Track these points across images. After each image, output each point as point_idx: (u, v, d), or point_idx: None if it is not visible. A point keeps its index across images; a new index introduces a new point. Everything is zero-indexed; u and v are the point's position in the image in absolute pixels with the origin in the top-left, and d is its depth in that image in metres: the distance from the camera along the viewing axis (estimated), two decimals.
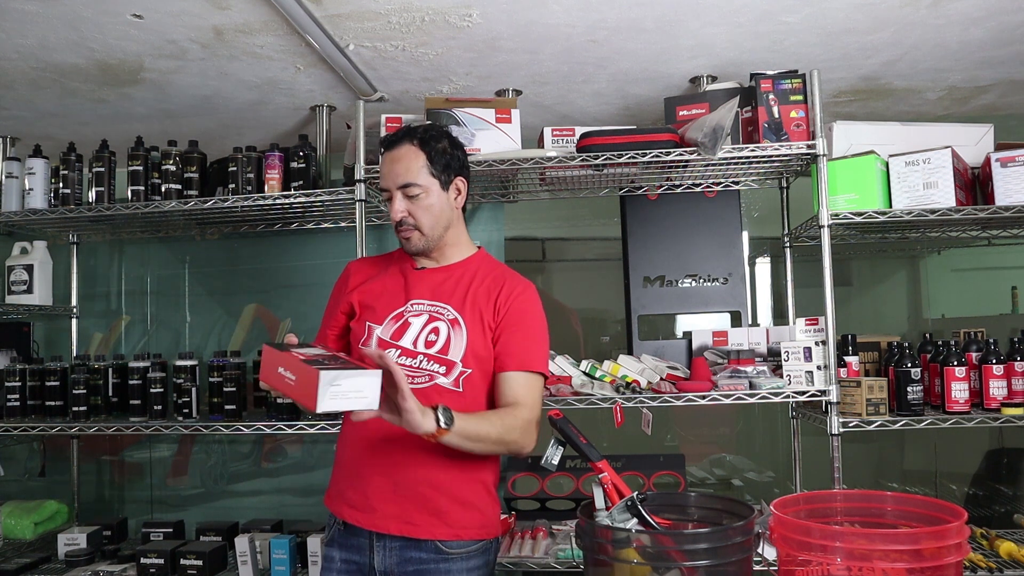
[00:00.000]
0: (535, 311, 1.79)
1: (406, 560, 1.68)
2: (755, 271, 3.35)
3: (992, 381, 2.21)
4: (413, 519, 1.67)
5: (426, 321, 1.74)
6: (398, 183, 1.74)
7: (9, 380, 2.63)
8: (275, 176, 2.51)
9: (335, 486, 1.78)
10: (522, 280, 1.82)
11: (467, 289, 1.78)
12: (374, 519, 1.68)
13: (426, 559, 1.68)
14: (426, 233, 1.77)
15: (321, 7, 1.97)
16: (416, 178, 1.74)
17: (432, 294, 1.78)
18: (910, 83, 2.64)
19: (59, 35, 2.09)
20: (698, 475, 3.32)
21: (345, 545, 1.74)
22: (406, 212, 1.75)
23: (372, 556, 1.70)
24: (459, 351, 1.71)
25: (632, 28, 2.15)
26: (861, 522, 1.56)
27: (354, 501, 1.71)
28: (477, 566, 1.72)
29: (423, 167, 1.75)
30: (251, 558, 2.41)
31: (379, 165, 1.81)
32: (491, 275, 1.81)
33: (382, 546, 1.69)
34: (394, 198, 1.75)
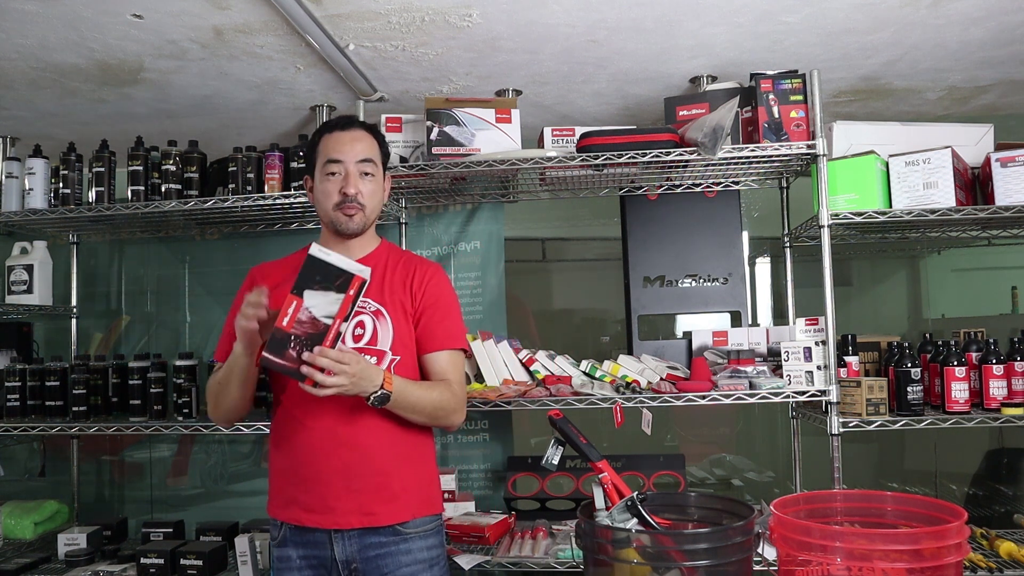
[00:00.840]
0: (447, 291, 1.87)
1: (366, 546, 1.73)
2: (755, 271, 3.35)
3: (992, 381, 2.21)
4: (372, 510, 1.72)
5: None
6: (359, 157, 1.79)
7: (9, 380, 2.63)
8: (275, 176, 2.51)
9: (280, 495, 1.78)
10: (430, 263, 1.90)
11: (382, 280, 1.81)
12: (335, 518, 1.71)
13: (386, 542, 1.73)
14: (367, 215, 1.81)
15: (321, 7, 1.97)
16: (374, 158, 1.82)
17: None
18: (910, 83, 2.64)
19: (59, 35, 2.09)
20: (698, 475, 3.32)
21: (301, 543, 1.76)
22: (359, 190, 1.78)
23: (332, 549, 1.73)
24: (387, 340, 1.76)
25: (632, 28, 2.15)
26: (861, 522, 1.56)
27: (309, 504, 1.73)
28: (435, 544, 1.80)
29: (377, 152, 1.84)
30: (251, 558, 2.41)
31: (323, 143, 1.81)
32: (400, 262, 1.87)
33: (341, 538, 1.73)
34: (350, 173, 1.77)
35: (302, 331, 1.53)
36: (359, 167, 1.79)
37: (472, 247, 2.95)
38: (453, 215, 2.98)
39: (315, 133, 1.87)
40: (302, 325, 1.53)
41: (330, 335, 1.53)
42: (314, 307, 1.52)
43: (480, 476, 2.89)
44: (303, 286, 1.53)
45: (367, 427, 1.73)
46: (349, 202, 1.77)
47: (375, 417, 1.73)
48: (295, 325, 1.53)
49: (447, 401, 1.77)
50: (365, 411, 1.72)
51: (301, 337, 1.53)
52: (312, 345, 1.53)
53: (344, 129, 1.82)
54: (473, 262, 2.94)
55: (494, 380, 2.43)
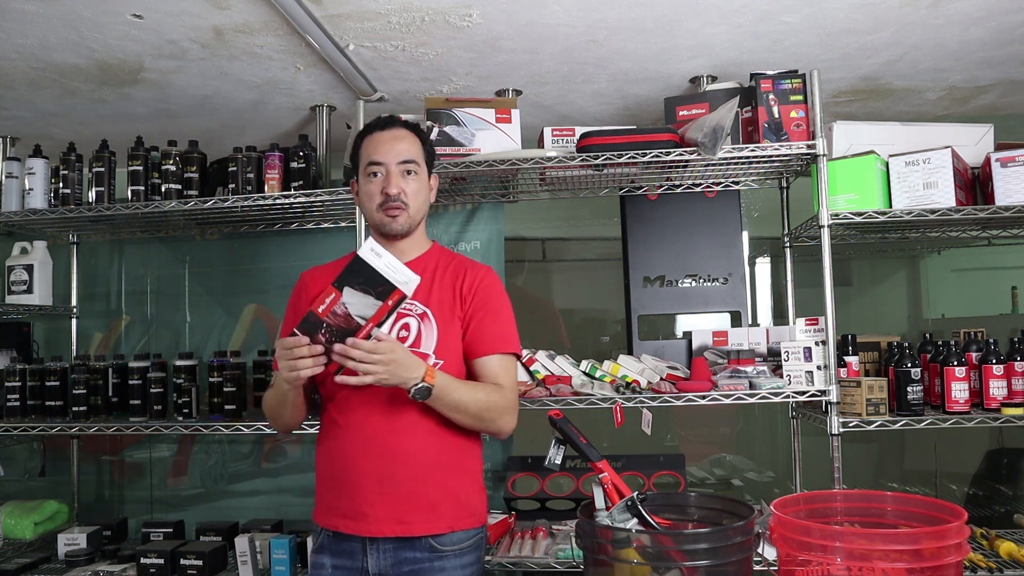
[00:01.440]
0: (500, 293, 1.83)
1: (401, 561, 1.69)
2: (755, 271, 3.35)
3: (992, 381, 2.21)
4: (406, 518, 1.68)
5: (395, 319, 1.74)
6: (400, 158, 1.76)
7: (9, 380, 2.64)
8: (275, 176, 2.51)
9: (322, 500, 1.77)
10: (481, 266, 1.86)
11: (431, 283, 1.79)
12: (367, 525, 1.68)
13: (420, 558, 1.69)
14: (412, 215, 1.78)
15: (321, 7, 1.97)
16: (416, 157, 1.79)
17: None
18: (910, 83, 2.64)
19: (59, 35, 2.09)
20: (698, 475, 3.32)
21: (336, 551, 1.73)
22: (402, 189, 1.76)
23: (366, 560, 1.70)
24: (431, 343, 1.73)
25: (632, 28, 2.15)
26: (861, 522, 1.56)
27: (345, 511, 1.71)
28: (470, 562, 1.74)
29: (420, 151, 1.81)
30: (251, 558, 2.41)
31: (365, 144, 1.80)
32: (451, 265, 1.84)
33: (375, 549, 1.69)
34: (392, 173, 1.75)
35: (335, 322, 1.53)
36: (401, 167, 1.76)
37: (472, 247, 2.95)
38: (453, 215, 2.98)
39: (357, 136, 1.86)
40: (336, 317, 1.53)
41: (360, 334, 1.54)
42: (351, 304, 1.52)
43: None
44: (344, 282, 1.53)
45: (405, 433, 1.69)
46: (392, 202, 1.75)
47: (414, 423, 1.69)
48: (329, 315, 1.53)
49: (495, 403, 1.71)
50: (404, 416, 1.69)
51: (333, 328, 1.53)
52: (342, 337, 1.53)
53: (384, 129, 1.80)
54: None
55: None
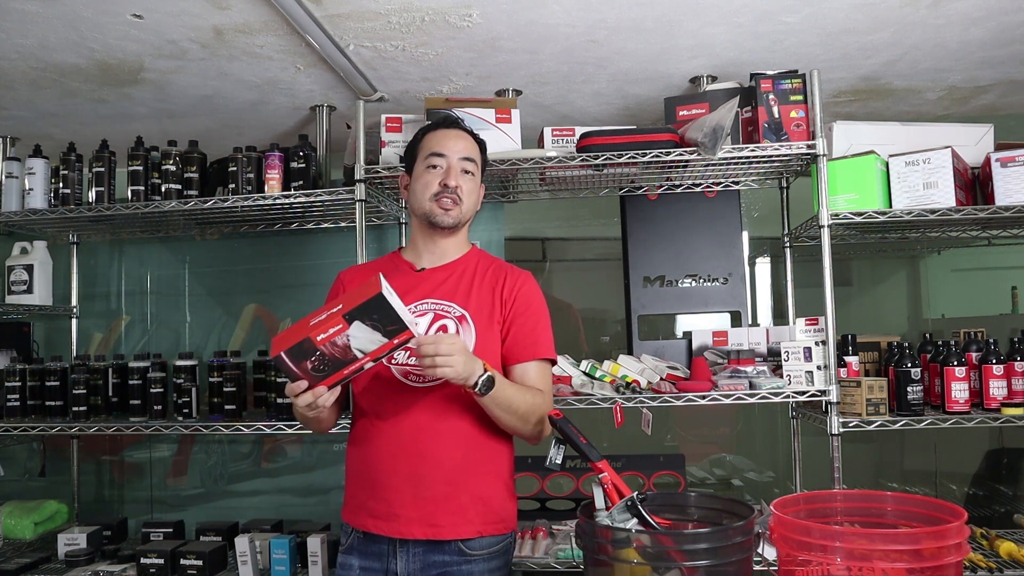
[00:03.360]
0: (538, 299, 1.82)
1: (429, 564, 1.69)
2: (755, 271, 3.35)
3: (992, 381, 2.21)
4: (436, 520, 1.68)
5: (432, 320, 1.74)
6: (463, 155, 1.79)
7: (9, 380, 2.63)
8: (275, 176, 2.51)
9: (353, 499, 1.77)
10: (520, 271, 1.85)
11: (470, 285, 1.79)
12: (398, 526, 1.68)
13: (449, 562, 1.69)
14: (464, 211, 1.80)
15: (321, 7, 1.97)
16: (476, 158, 1.83)
17: (435, 293, 1.78)
18: (910, 83, 2.64)
19: (59, 35, 2.09)
20: (698, 475, 3.32)
21: (365, 552, 1.73)
22: (460, 184, 1.77)
23: (395, 562, 1.70)
24: (469, 346, 1.71)
25: (632, 28, 2.15)
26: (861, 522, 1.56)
27: (376, 511, 1.70)
28: (498, 567, 1.74)
29: (479, 155, 1.86)
30: (251, 558, 2.41)
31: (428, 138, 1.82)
32: (490, 269, 1.83)
33: (405, 552, 1.69)
34: (452, 166, 1.77)
35: (330, 352, 1.51)
36: (462, 163, 1.78)
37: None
38: None
39: (419, 132, 1.87)
40: (334, 347, 1.51)
41: (352, 367, 1.53)
42: (355, 338, 1.51)
43: None
44: (357, 316, 1.50)
45: (439, 436, 1.69)
46: (449, 193, 1.76)
47: (448, 426, 1.70)
48: (327, 344, 1.51)
49: (539, 406, 1.71)
50: (438, 420, 1.69)
51: (326, 356, 1.51)
52: (331, 367, 1.52)
53: (451, 127, 1.83)
54: None
55: None
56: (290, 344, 1.52)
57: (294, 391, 1.55)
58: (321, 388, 1.54)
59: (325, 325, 1.51)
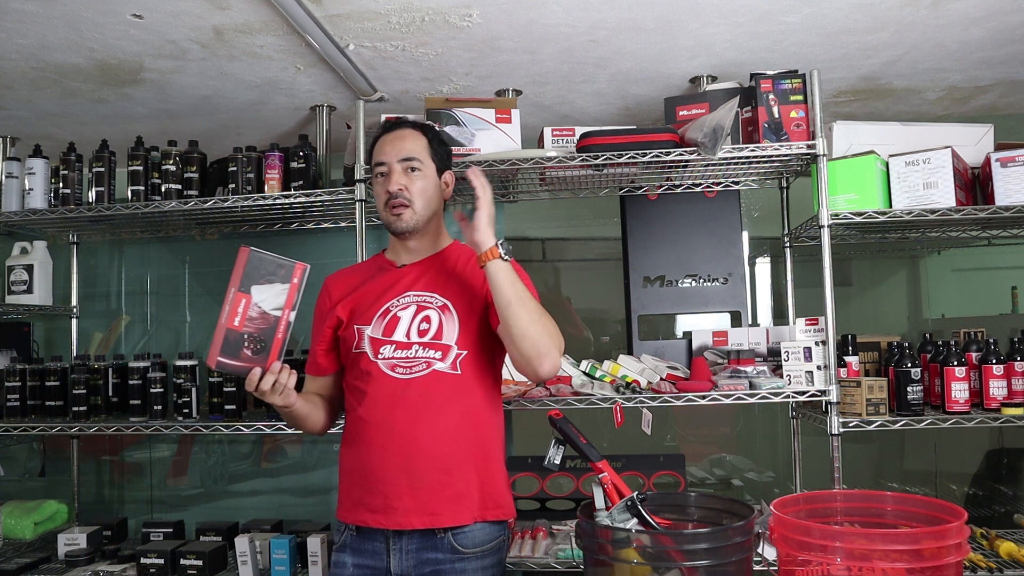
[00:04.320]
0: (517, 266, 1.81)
1: (423, 562, 1.70)
2: (755, 271, 3.35)
3: (992, 381, 2.21)
4: (434, 509, 1.69)
5: (415, 312, 1.76)
6: (400, 156, 1.79)
7: (9, 380, 2.63)
8: (275, 176, 2.51)
9: (349, 497, 1.77)
10: None
11: (450, 276, 1.81)
12: (396, 517, 1.69)
13: (442, 559, 1.69)
14: (417, 212, 1.80)
15: (321, 7, 1.97)
16: (419, 154, 1.81)
17: (416, 286, 1.80)
18: (910, 83, 2.64)
19: (59, 35, 2.09)
20: (698, 475, 3.32)
21: (359, 550, 1.74)
22: (403, 186, 1.78)
23: (388, 560, 1.71)
24: (453, 335, 1.74)
25: (632, 28, 2.15)
26: (861, 522, 1.56)
27: (372, 504, 1.71)
28: (492, 564, 1.75)
29: (424, 148, 1.83)
30: (251, 558, 2.41)
31: (374, 149, 1.85)
32: (472, 259, 1.84)
33: (399, 548, 1.70)
34: (393, 171, 1.79)
35: (254, 328, 1.56)
36: (402, 164, 1.79)
37: None
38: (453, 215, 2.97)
39: (371, 143, 1.89)
40: (253, 322, 1.56)
41: (281, 326, 1.57)
42: (263, 301, 1.57)
43: None
44: (249, 282, 1.57)
45: (431, 424, 1.71)
46: (394, 199, 1.78)
47: (439, 416, 1.71)
48: (247, 323, 1.56)
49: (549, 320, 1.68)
50: (429, 411, 1.71)
51: (254, 334, 1.56)
52: (265, 340, 1.57)
53: (390, 130, 1.85)
54: None
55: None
56: (219, 347, 1.57)
57: (253, 380, 1.60)
58: (275, 364, 1.60)
59: (232, 309, 1.57)
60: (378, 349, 1.74)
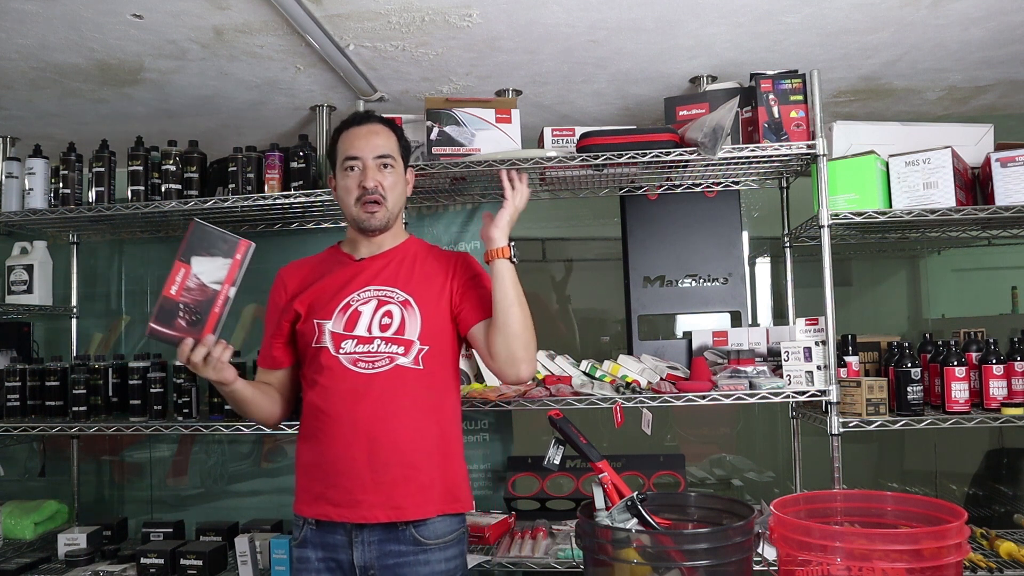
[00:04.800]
0: (479, 267, 1.89)
1: (386, 554, 1.71)
2: (755, 271, 3.35)
3: (992, 381, 2.21)
4: (398, 503, 1.70)
5: (376, 306, 1.77)
6: (377, 153, 1.80)
7: (9, 380, 2.63)
8: (275, 176, 2.51)
9: (308, 491, 1.77)
10: (460, 252, 1.93)
11: (411, 271, 1.83)
12: (360, 511, 1.70)
13: (405, 551, 1.72)
14: (390, 209, 1.82)
15: (321, 7, 1.97)
16: (392, 152, 1.83)
17: (376, 280, 1.81)
18: (910, 83, 2.64)
19: (59, 35, 2.09)
20: (698, 475, 3.32)
21: (321, 544, 1.75)
22: (379, 182, 1.79)
23: (351, 552, 1.72)
24: (415, 330, 1.75)
25: (632, 28, 2.15)
26: (861, 522, 1.56)
27: (336, 499, 1.72)
28: (454, 555, 1.78)
29: (396, 146, 1.86)
30: (251, 558, 2.41)
31: (341, 140, 1.85)
32: (431, 255, 1.89)
33: (361, 541, 1.71)
34: (368, 167, 1.79)
35: (191, 299, 1.55)
36: (377, 161, 1.80)
37: (472, 247, 2.95)
38: (453, 215, 2.98)
39: (334, 132, 1.88)
40: (191, 292, 1.55)
41: (219, 300, 1.57)
42: (202, 273, 1.55)
43: (480, 476, 2.89)
44: (191, 253, 1.55)
45: (394, 418, 1.72)
46: (369, 194, 1.78)
47: (403, 410, 1.73)
48: (184, 293, 1.55)
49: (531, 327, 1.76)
50: (392, 404, 1.72)
51: (190, 305, 1.55)
52: (201, 312, 1.56)
53: (360, 124, 1.84)
54: None
55: (495, 380, 2.43)
56: (155, 313, 1.56)
57: (184, 351, 1.60)
58: (209, 336, 1.59)
59: (171, 278, 1.55)
60: (339, 344, 1.75)
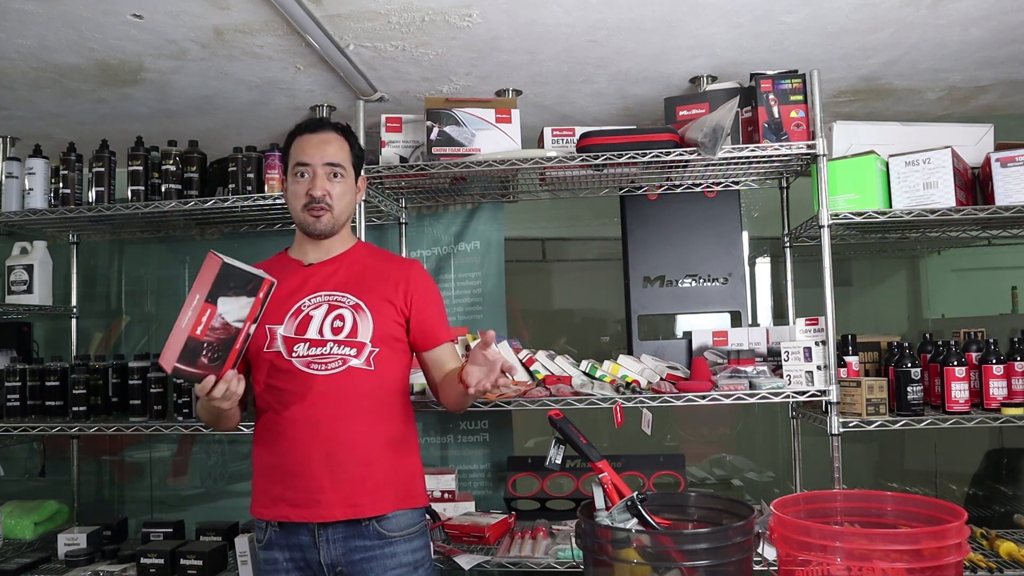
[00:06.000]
0: (432, 287, 1.94)
1: (351, 549, 1.74)
2: (755, 271, 3.35)
3: (992, 381, 2.21)
4: (356, 500, 1.73)
5: (327, 311, 1.79)
6: (327, 160, 1.83)
7: (9, 380, 2.63)
8: (275, 176, 2.51)
9: (266, 493, 1.79)
10: (409, 260, 1.96)
11: (361, 275, 1.85)
12: (319, 510, 1.73)
13: (371, 545, 1.74)
14: (336, 216, 1.85)
15: (321, 7, 1.97)
16: (343, 161, 1.86)
17: (327, 285, 1.83)
18: (910, 83, 2.64)
19: (59, 35, 2.09)
20: (698, 475, 3.32)
21: (286, 545, 1.77)
22: (327, 191, 1.82)
23: (317, 551, 1.74)
24: (367, 333, 1.78)
25: (632, 28, 2.15)
26: (861, 522, 1.56)
27: (295, 500, 1.74)
28: (420, 546, 1.81)
29: (347, 154, 1.88)
30: (251, 558, 2.41)
31: (294, 145, 1.87)
32: (380, 260, 1.92)
33: (325, 538, 1.74)
34: (317, 176, 1.82)
35: (214, 337, 1.56)
36: (327, 169, 1.82)
37: (472, 247, 2.95)
38: (453, 215, 2.98)
39: (288, 135, 1.91)
40: (215, 332, 1.56)
41: (240, 337, 1.58)
42: (227, 313, 1.56)
43: (480, 476, 2.89)
44: (217, 294, 1.55)
45: (350, 418, 1.75)
46: (316, 203, 1.81)
47: (357, 410, 1.76)
48: (208, 332, 1.56)
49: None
50: (347, 404, 1.75)
51: (213, 343, 1.56)
52: (223, 349, 1.56)
53: (314, 131, 1.86)
54: (473, 262, 2.94)
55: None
56: (177, 353, 1.56)
57: (206, 388, 1.59)
58: (229, 372, 1.59)
59: (196, 318, 1.56)
60: (292, 347, 1.76)
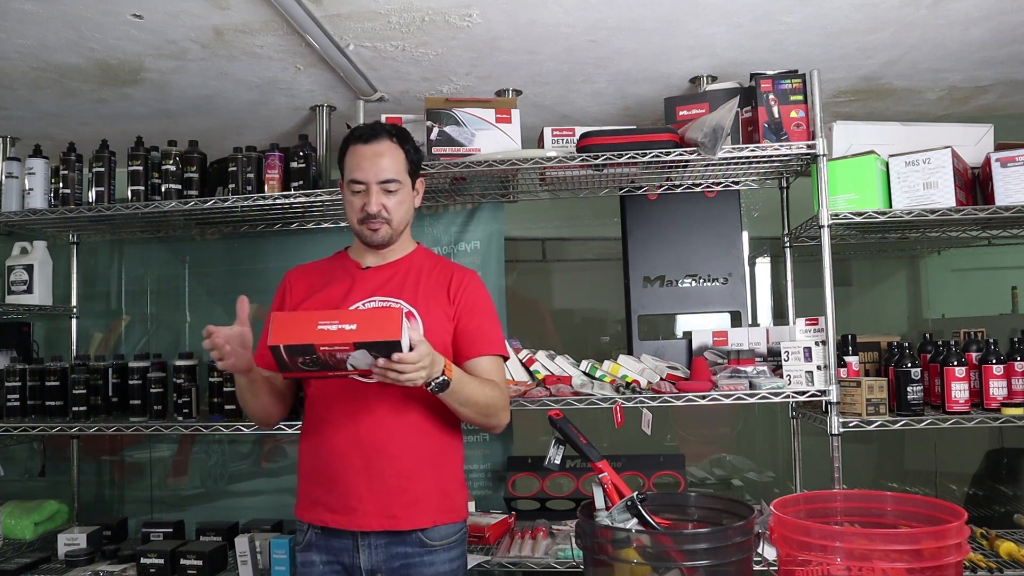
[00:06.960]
0: (485, 297, 1.88)
1: (392, 556, 1.73)
2: (755, 271, 3.35)
3: (992, 381, 2.21)
4: (394, 512, 1.72)
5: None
6: (381, 177, 1.79)
7: (9, 380, 2.63)
8: (275, 176, 2.51)
9: (307, 496, 1.79)
10: (466, 269, 1.91)
11: (416, 282, 1.83)
12: (356, 519, 1.72)
13: (411, 553, 1.73)
14: (394, 227, 1.83)
15: (321, 7, 1.97)
16: (399, 174, 1.81)
17: (382, 290, 1.82)
18: (910, 83, 2.64)
19: (59, 35, 2.09)
20: (698, 475, 3.32)
21: (325, 548, 1.76)
22: (382, 206, 1.79)
23: (358, 556, 1.73)
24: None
25: (632, 28, 2.15)
26: (861, 522, 1.56)
27: (333, 505, 1.74)
28: (457, 556, 1.80)
29: (402, 164, 1.83)
30: (251, 558, 2.41)
31: (348, 156, 1.82)
32: (436, 267, 1.89)
33: (367, 544, 1.73)
34: (372, 192, 1.78)
35: (324, 358, 1.52)
36: (381, 186, 1.79)
37: (472, 247, 2.95)
38: (453, 215, 2.98)
39: (344, 141, 1.86)
40: (331, 357, 1.52)
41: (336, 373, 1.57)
42: (353, 357, 1.52)
43: (480, 476, 2.89)
44: (368, 348, 1.50)
45: (391, 428, 1.73)
46: (374, 219, 1.79)
47: (401, 420, 1.73)
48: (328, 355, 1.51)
49: (497, 399, 1.77)
50: (390, 414, 1.73)
51: (319, 360, 1.52)
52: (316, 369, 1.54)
53: (367, 142, 1.80)
54: (473, 262, 2.93)
55: None
56: (293, 341, 1.51)
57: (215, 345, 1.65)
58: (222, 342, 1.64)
59: (333, 340, 1.50)
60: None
